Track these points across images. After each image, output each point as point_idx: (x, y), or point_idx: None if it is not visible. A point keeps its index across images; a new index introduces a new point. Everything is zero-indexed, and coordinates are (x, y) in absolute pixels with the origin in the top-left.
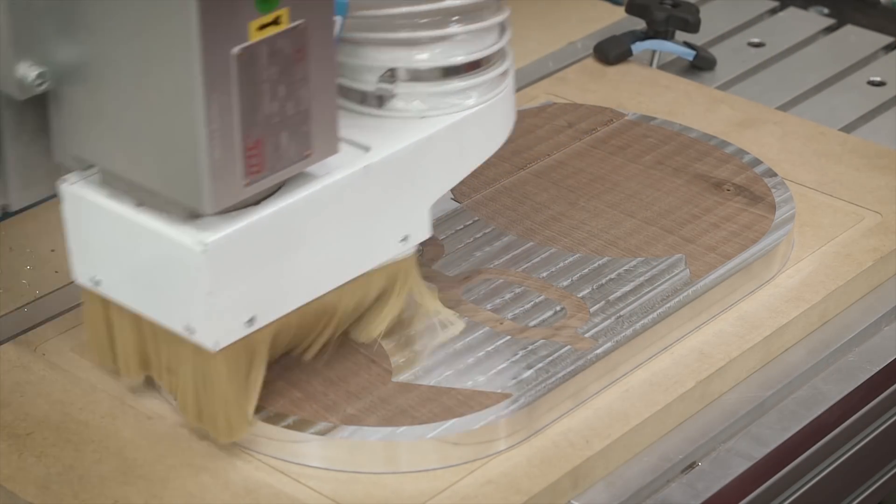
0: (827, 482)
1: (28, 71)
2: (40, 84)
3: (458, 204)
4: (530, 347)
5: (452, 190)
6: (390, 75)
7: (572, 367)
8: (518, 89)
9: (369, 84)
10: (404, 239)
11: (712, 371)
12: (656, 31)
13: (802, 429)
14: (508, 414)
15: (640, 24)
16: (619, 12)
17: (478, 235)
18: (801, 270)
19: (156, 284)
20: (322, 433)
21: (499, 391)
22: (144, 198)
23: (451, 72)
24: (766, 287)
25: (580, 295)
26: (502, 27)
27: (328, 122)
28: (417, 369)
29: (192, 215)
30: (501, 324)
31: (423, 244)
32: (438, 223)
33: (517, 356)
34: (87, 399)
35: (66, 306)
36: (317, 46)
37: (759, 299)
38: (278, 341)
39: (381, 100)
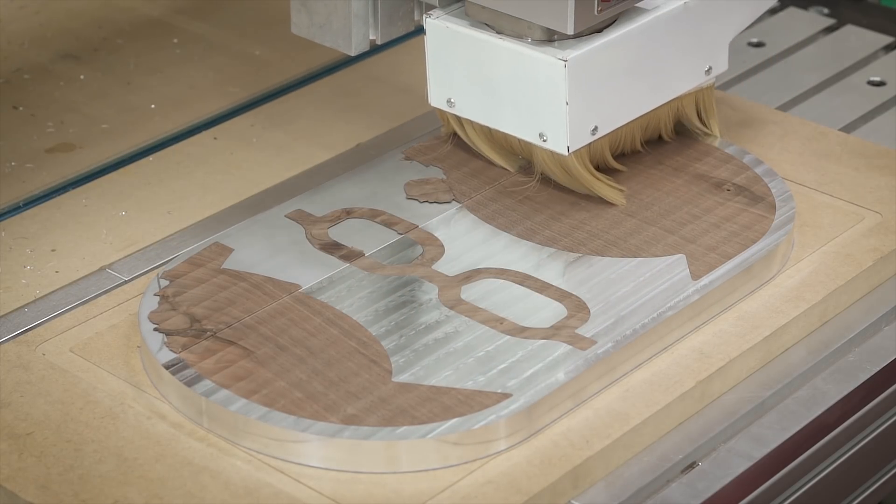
0: (827, 482)
1: None
2: None
3: (459, 204)
4: (530, 347)
5: (453, 190)
6: None
7: (572, 367)
8: None
9: None
10: (708, 70)
11: (712, 371)
12: None
13: (802, 429)
14: (508, 414)
15: None
16: None
17: (478, 235)
18: (801, 270)
19: (512, 101)
20: (322, 433)
21: (499, 391)
22: (502, 26)
23: None
24: (766, 287)
25: (580, 295)
26: None
27: None
28: (417, 369)
29: (546, 40)
30: (501, 324)
31: (423, 245)
32: (438, 223)
33: (517, 356)
34: (87, 399)
35: (66, 306)
36: None
37: (759, 299)
38: (614, 146)
39: None
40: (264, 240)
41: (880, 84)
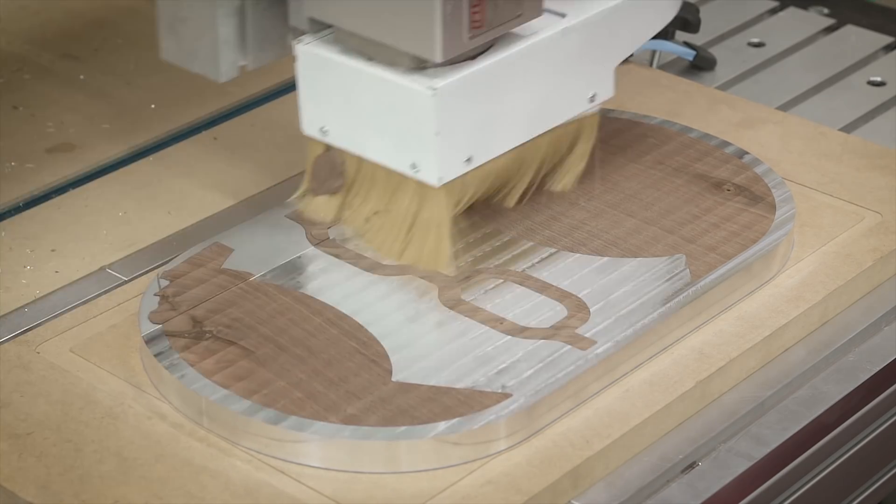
0: (827, 482)
1: None
2: None
3: None
4: (530, 347)
5: None
6: None
7: (572, 367)
8: None
9: None
10: (592, 97)
11: (712, 371)
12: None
13: (802, 429)
14: (508, 414)
15: None
16: None
17: (478, 235)
18: (801, 270)
19: (383, 130)
20: (322, 433)
21: (499, 391)
22: (373, 53)
23: None
24: (766, 287)
25: (580, 295)
26: None
27: None
28: (417, 369)
29: (417, 67)
30: (501, 324)
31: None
32: None
33: (517, 356)
34: (87, 399)
35: (66, 306)
36: None
37: (759, 299)
38: (485, 184)
39: None
40: (264, 240)
41: (880, 84)
